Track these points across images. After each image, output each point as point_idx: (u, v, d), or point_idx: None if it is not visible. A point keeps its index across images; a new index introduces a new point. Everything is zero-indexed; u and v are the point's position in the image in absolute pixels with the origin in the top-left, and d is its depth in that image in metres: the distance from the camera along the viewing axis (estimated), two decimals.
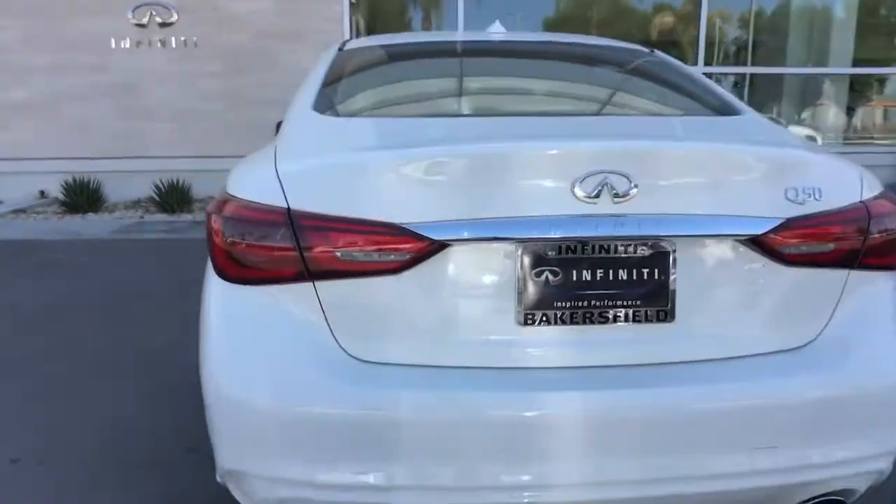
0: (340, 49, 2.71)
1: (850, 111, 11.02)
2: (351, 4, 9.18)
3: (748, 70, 10.62)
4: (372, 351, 1.61)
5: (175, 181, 8.26)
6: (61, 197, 8.25)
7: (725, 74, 10.59)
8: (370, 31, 9.74)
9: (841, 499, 1.76)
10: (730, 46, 10.60)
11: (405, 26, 10.35)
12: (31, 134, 8.74)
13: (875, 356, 1.73)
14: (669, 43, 10.18)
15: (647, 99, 2.51)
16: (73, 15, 8.56)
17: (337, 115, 2.07)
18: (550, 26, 10.30)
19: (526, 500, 1.58)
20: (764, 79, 10.63)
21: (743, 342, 1.68)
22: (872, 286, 1.77)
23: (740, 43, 10.67)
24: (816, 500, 1.73)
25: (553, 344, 1.62)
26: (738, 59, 10.65)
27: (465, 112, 2.26)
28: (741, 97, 10.76)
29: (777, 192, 1.64)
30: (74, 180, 8.26)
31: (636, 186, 1.54)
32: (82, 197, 8.17)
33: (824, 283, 1.72)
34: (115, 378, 3.48)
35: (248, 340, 1.64)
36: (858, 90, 11.11)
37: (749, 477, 1.62)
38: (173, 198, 8.07)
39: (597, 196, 1.53)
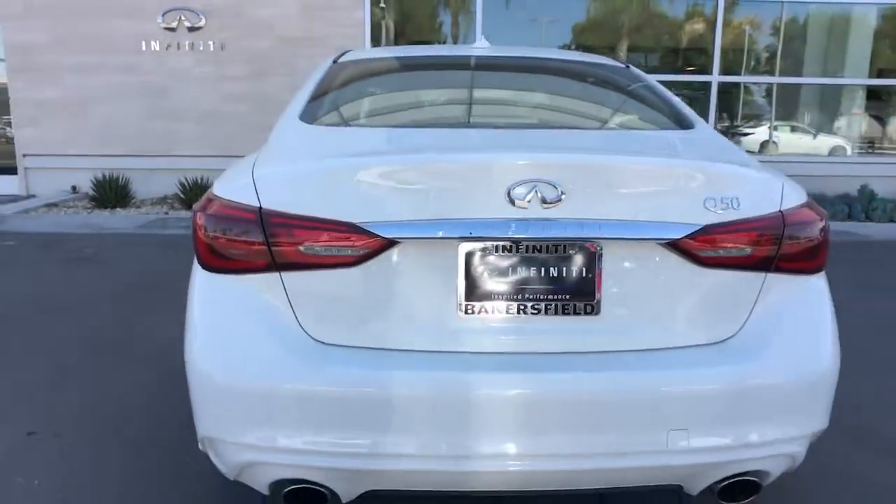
0: (335, 61, 2.94)
1: (882, 121, 11.06)
2: (380, 9, 9.48)
3: (764, 80, 10.68)
4: (331, 334, 1.82)
5: (199, 179, 8.60)
6: (91, 192, 8.62)
7: (758, 84, 10.68)
8: (397, 35, 10.01)
9: (755, 479, 1.93)
10: (750, 56, 10.65)
11: (434, 31, 10.59)
12: (63, 131, 9.15)
13: (789, 351, 1.89)
14: (690, 51, 10.30)
15: (605, 113, 2.70)
16: (105, 17, 8.95)
17: (318, 124, 2.29)
18: (570, 31, 10.46)
19: (461, 468, 1.78)
20: (795, 88, 10.72)
21: (665, 336, 1.86)
22: (789, 287, 1.93)
23: (770, 52, 10.73)
24: (731, 480, 1.90)
25: (490, 332, 1.82)
26: (767, 69, 10.72)
27: (431, 123, 2.48)
28: (770, 106, 10.87)
29: (696, 201, 1.82)
30: (104, 176, 8.63)
31: (563, 194, 1.74)
32: (111, 193, 8.53)
33: (743, 284, 1.89)
34: (126, 363, 3.74)
35: (224, 323, 1.87)
36: (885, 100, 11.13)
37: (664, 455, 1.80)
38: (197, 195, 8.40)
39: (528, 202, 1.74)
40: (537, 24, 10.18)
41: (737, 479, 1.90)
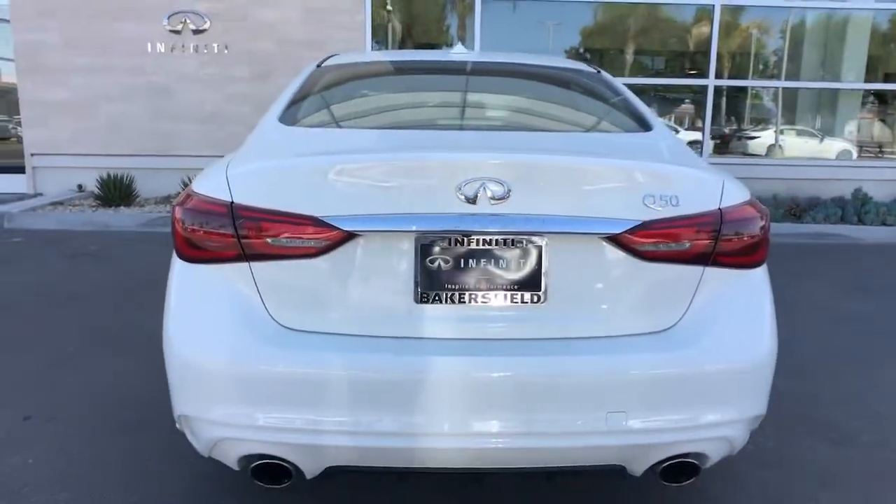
0: (318, 66, 3.08)
1: (884, 125, 11.15)
2: (384, 12, 9.67)
3: (759, 83, 10.77)
4: (297, 320, 1.96)
5: None
6: (96, 191, 8.81)
7: (755, 88, 10.77)
8: (398, 38, 10.19)
9: (695, 462, 2.04)
10: (745, 60, 10.75)
11: (434, 34, 10.74)
12: (70, 131, 9.36)
13: (726, 341, 2.02)
14: (687, 55, 10.41)
15: (568, 116, 2.83)
16: (111, 20, 9.15)
17: (295, 126, 2.43)
18: (568, 36, 10.59)
19: (414, 446, 1.91)
20: (793, 92, 10.83)
21: (608, 324, 1.99)
22: (728, 280, 2.05)
23: (765, 57, 10.84)
24: (671, 462, 2.02)
25: (444, 319, 1.95)
26: (763, 74, 10.84)
27: (399, 125, 2.62)
28: (777, 109, 10.97)
29: (636, 199, 1.95)
30: (109, 176, 8.80)
31: (510, 191, 1.88)
32: (115, 191, 8.71)
33: (682, 277, 2.01)
34: (123, 353, 3.90)
35: (198, 309, 2.01)
36: (889, 103, 11.23)
37: (605, 436, 1.92)
38: None
39: (477, 198, 1.87)
40: (535, 28, 10.31)
41: (676, 460, 2.02)
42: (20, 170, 9.53)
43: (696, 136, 10.27)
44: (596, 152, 2.18)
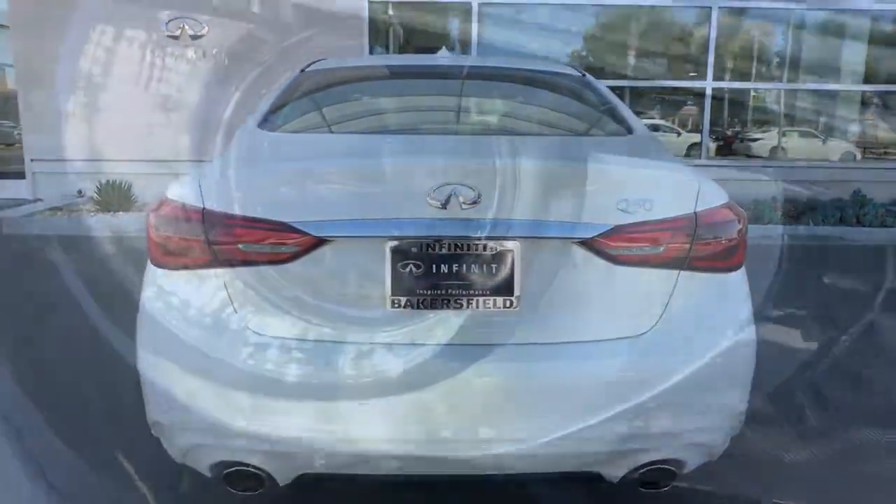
0: (302, 71, 3.08)
1: (888, 126, 11.11)
2: (385, 17, 9.69)
3: (755, 86, 10.73)
4: (268, 327, 1.95)
5: None
6: (95, 196, 8.82)
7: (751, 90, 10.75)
8: (397, 44, 10.20)
9: (672, 468, 2.03)
10: (740, 63, 10.73)
11: (432, 41, 10.74)
12: (70, 137, 9.35)
13: (702, 345, 2.00)
14: (684, 58, 10.40)
15: (550, 119, 2.82)
16: (110, 26, 9.16)
17: (274, 131, 2.43)
18: (568, 42, 10.58)
19: (384, 452, 1.91)
20: (800, 94, 10.82)
21: (582, 329, 1.97)
22: (705, 284, 2.03)
23: (760, 59, 10.82)
24: (647, 469, 2.00)
25: (416, 325, 1.94)
26: (760, 76, 10.83)
27: (375, 130, 2.62)
28: (776, 111, 10.93)
29: (610, 203, 1.93)
30: (108, 181, 8.81)
31: (481, 196, 1.86)
32: (114, 197, 8.71)
33: (656, 281, 1.99)
34: (113, 357, 3.89)
35: (170, 316, 2.01)
36: (893, 105, 11.18)
37: (577, 443, 1.91)
38: None
39: (447, 203, 1.86)
40: (531, 32, 10.29)
41: (653, 466, 2.00)
42: (21, 175, 9.55)
43: (697, 138, 10.26)
44: (572, 156, 2.17)
